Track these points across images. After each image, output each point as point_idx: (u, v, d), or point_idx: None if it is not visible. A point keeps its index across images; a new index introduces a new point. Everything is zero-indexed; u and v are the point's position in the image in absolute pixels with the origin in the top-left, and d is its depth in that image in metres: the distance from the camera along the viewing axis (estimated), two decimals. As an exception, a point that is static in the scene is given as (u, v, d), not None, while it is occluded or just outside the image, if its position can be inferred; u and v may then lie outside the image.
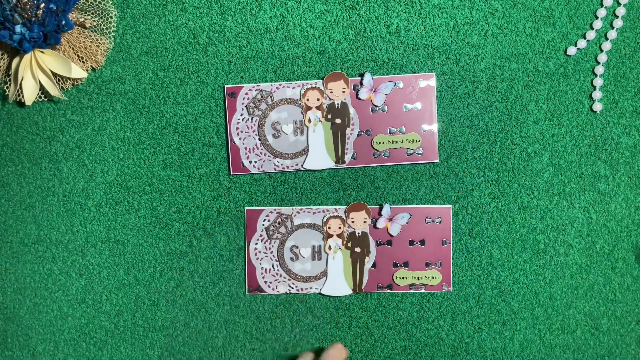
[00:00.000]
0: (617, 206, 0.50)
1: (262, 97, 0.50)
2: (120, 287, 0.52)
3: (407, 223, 0.50)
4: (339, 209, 0.50)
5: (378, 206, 0.50)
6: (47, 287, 0.52)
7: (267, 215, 0.51)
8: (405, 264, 0.50)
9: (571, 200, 0.50)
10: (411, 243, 0.50)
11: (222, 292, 0.52)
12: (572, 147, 0.50)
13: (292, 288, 0.51)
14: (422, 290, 0.50)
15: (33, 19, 0.46)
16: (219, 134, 0.50)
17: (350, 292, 0.51)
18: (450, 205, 0.50)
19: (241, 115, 0.50)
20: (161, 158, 0.51)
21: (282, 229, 0.50)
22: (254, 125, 0.50)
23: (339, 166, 0.50)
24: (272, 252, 0.51)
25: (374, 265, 0.50)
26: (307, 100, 0.49)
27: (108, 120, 0.51)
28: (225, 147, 0.50)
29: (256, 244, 0.51)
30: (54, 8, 0.46)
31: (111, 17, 0.49)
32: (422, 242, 0.50)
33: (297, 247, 0.51)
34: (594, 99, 0.49)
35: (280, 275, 0.51)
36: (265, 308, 0.52)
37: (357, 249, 0.50)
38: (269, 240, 0.51)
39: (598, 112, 0.50)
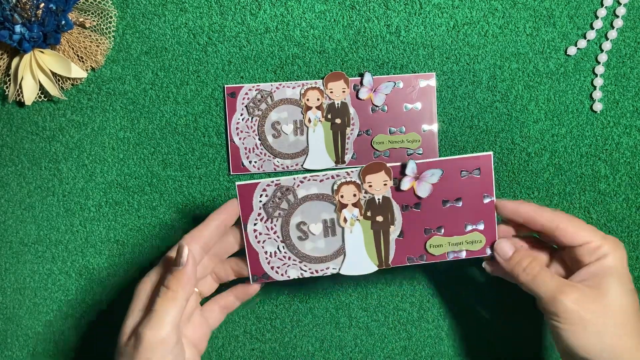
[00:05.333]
0: (618, 206, 0.50)
1: (262, 97, 0.50)
2: (120, 287, 0.52)
3: (439, 180, 0.42)
4: (352, 172, 0.42)
5: (399, 164, 0.42)
6: (47, 287, 0.52)
7: (264, 190, 0.43)
8: (439, 229, 0.43)
9: (571, 200, 0.50)
10: (444, 203, 0.42)
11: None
12: (572, 147, 0.50)
13: (305, 271, 0.43)
14: (463, 257, 0.43)
15: (33, 19, 0.46)
16: (219, 134, 0.50)
17: (375, 268, 0.43)
18: (491, 153, 0.41)
19: (241, 115, 0.50)
20: (161, 158, 0.51)
21: (284, 204, 0.43)
22: (254, 125, 0.50)
23: (339, 166, 0.50)
24: (275, 233, 0.43)
25: (401, 234, 0.43)
26: (307, 100, 0.49)
27: (108, 120, 0.51)
28: (225, 147, 0.50)
29: (255, 224, 0.43)
30: (54, 8, 0.46)
31: (111, 17, 0.49)
32: (458, 200, 0.42)
33: (304, 223, 0.43)
34: (595, 99, 0.49)
35: (289, 258, 0.43)
36: (265, 308, 0.52)
37: (379, 218, 0.42)
38: (269, 220, 0.43)
39: (598, 112, 0.49)
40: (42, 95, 0.50)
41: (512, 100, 0.49)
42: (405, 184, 0.42)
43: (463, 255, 0.43)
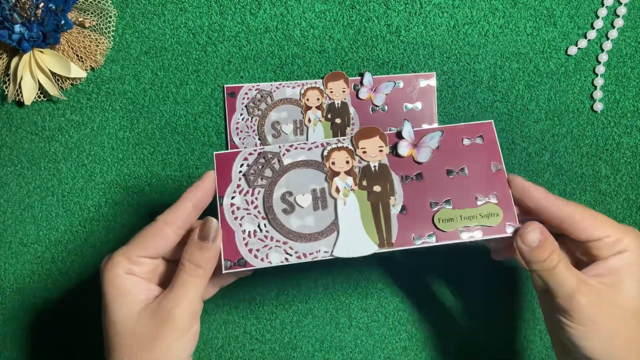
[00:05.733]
0: (619, 206, 0.50)
1: (261, 96, 0.49)
2: (119, 288, 0.52)
3: (438, 147, 0.38)
4: (344, 139, 0.38)
5: (394, 132, 0.38)
6: (47, 288, 0.52)
7: (245, 159, 0.37)
8: (447, 203, 0.37)
9: (572, 200, 0.50)
10: (449, 172, 0.38)
11: (221, 292, 0.52)
12: (572, 147, 0.50)
13: (291, 255, 0.36)
14: (480, 238, 0.37)
15: (32, 19, 0.46)
16: (218, 134, 0.50)
17: (376, 248, 0.36)
18: (492, 120, 0.38)
19: (241, 115, 0.50)
20: (160, 158, 0.51)
21: (268, 172, 0.37)
22: (254, 125, 0.50)
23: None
24: (256, 208, 0.37)
25: (402, 209, 0.37)
26: (307, 100, 0.49)
27: (107, 120, 0.51)
28: (225, 147, 0.50)
29: (232, 197, 0.37)
30: (53, 7, 0.46)
31: (110, 17, 0.49)
32: (464, 169, 0.38)
33: (291, 194, 0.37)
34: (595, 99, 0.49)
35: (272, 239, 0.37)
36: (265, 309, 0.52)
37: (377, 188, 0.37)
38: (250, 192, 0.37)
39: (599, 111, 0.49)
40: (42, 95, 0.50)
41: (513, 100, 0.49)
42: (403, 149, 0.37)
43: (479, 235, 0.36)
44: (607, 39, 0.49)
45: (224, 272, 0.36)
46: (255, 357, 0.52)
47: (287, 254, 0.36)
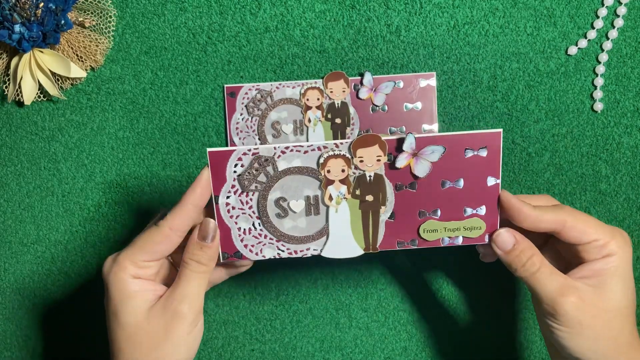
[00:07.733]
0: (619, 206, 0.50)
1: (261, 96, 0.49)
2: (119, 288, 0.52)
3: (439, 159, 0.37)
4: (341, 144, 0.38)
5: (395, 138, 0.37)
6: (47, 288, 0.52)
7: (239, 159, 0.38)
8: (435, 212, 0.38)
9: (572, 200, 0.50)
10: (443, 184, 0.38)
11: (221, 293, 0.52)
12: (573, 147, 0.50)
13: (283, 251, 0.39)
14: (459, 244, 0.39)
15: (32, 19, 0.46)
16: (218, 134, 0.50)
17: (361, 251, 0.39)
18: (501, 130, 0.37)
19: (241, 115, 0.50)
20: (160, 158, 0.51)
21: (262, 177, 0.38)
22: (254, 125, 0.50)
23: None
24: (250, 208, 0.39)
25: (392, 216, 0.38)
26: (307, 100, 0.49)
27: (107, 120, 0.51)
28: (225, 146, 0.50)
29: (228, 197, 0.38)
30: (53, 7, 0.46)
31: (110, 17, 0.49)
32: (459, 181, 0.38)
33: (284, 199, 0.39)
34: (595, 99, 0.49)
35: (265, 237, 0.39)
36: (265, 309, 0.52)
37: (369, 198, 0.38)
38: (245, 193, 0.39)
39: (599, 111, 0.49)
40: (42, 95, 0.50)
41: (513, 100, 0.49)
42: (401, 161, 0.37)
43: (459, 241, 0.38)
44: (607, 38, 0.49)
45: (222, 261, 0.39)
46: (255, 357, 0.52)
47: (279, 250, 0.39)
